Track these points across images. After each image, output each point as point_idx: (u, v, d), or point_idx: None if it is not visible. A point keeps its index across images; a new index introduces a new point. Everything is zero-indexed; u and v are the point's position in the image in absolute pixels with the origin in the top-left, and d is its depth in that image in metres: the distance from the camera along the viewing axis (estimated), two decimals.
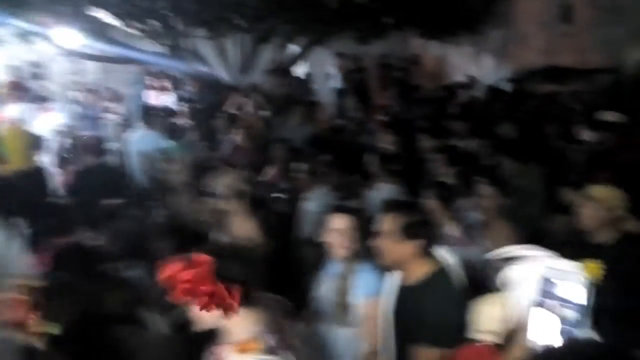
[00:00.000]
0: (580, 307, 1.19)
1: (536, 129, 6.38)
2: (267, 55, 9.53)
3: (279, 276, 3.01)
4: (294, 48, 9.74)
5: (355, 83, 10.69)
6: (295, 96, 8.89)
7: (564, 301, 1.23)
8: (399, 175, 4.34)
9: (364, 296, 2.38)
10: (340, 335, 2.47)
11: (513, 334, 1.62)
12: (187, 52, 8.77)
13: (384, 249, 2.08)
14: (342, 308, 2.42)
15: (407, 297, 2.07)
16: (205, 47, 8.83)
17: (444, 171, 4.39)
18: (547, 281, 1.25)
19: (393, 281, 2.18)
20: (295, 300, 2.66)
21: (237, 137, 6.64)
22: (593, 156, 4.92)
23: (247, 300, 1.58)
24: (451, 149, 4.79)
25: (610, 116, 5.70)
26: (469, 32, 10.34)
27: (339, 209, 2.59)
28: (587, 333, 1.18)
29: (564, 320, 1.22)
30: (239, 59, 9.08)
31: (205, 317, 1.56)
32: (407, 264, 2.05)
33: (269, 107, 8.19)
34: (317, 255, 2.67)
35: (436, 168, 4.62)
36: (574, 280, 1.24)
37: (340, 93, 10.72)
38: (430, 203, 3.15)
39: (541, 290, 1.26)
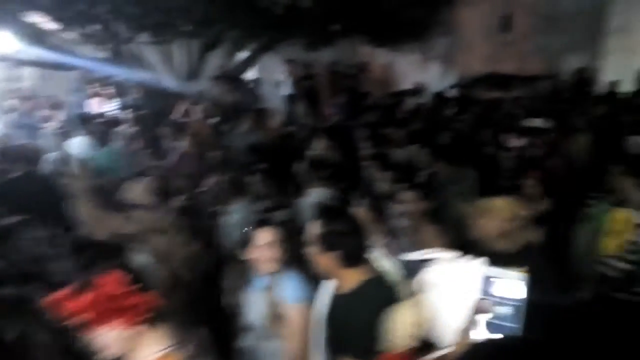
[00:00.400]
0: (515, 303, 1.19)
1: (471, 134, 6.59)
2: (215, 62, 9.40)
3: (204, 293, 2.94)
4: (242, 54, 9.64)
5: (305, 90, 10.72)
6: (245, 103, 8.80)
7: (500, 299, 1.26)
8: (332, 182, 4.21)
9: (291, 302, 2.36)
10: (272, 349, 2.42)
11: (435, 335, 1.68)
12: (131, 58, 8.51)
13: (312, 258, 2.04)
14: (274, 321, 2.37)
15: (338, 306, 2.03)
16: (151, 53, 8.60)
17: (379, 177, 4.41)
18: (486, 279, 1.26)
19: (327, 289, 2.14)
20: (219, 319, 2.59)
21: (184, 144, 6.49)
22: (520, 162, 5.08)
23: (159, 314, 1.48)
24: (383, 156, 4.83)
25: (537, 122, 5.80)
26: (415, 40, 10.55)
27: (263, 223, 2.51)
28: (518, 329, 1.20)
29: (498, 316, 1.25)
30: (186, 66, 8.89)
31: (115, 339, 1.41)
32: (335, 273, 2.00)
33: (218, 114, 8.06)
34: (241, 270, 2.56)
35: (370, 174, 4.62)
36: (511, 277, 1.26)
37: (291, 100, 10.73)
38: (360, 210, 3.11)
39: (481, 288, 1.27)
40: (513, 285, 1.26)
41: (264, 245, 2.40)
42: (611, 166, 3.90)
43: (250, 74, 10.68)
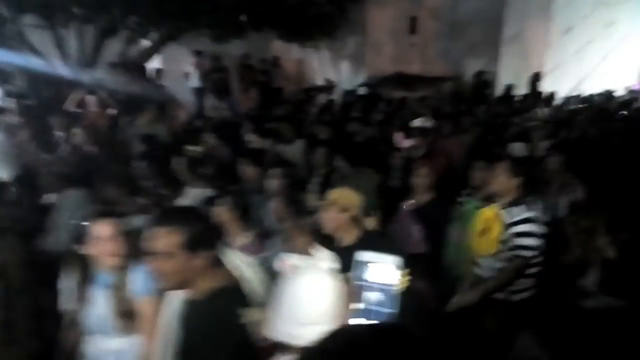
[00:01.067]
0: (389, 288, 1.17)
1: (372, 134, 6.64)
2: (113, 49, 8.84)
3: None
4: (144, 43, 9.14)
5: (214, 83, 10.40)
6: (147, 94, 8.36)
7: (375, 284, 1.29)
8: (211, 180, 4.02)
9: (142, 295, 2.28)
10: (122, 347, 2.31)
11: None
12: (16, 42, 7.75)
13: (162, 270, 1.74)
14: (123, 318, 2.27)
15: (191, 312, 1.87)
16: (39, 37, 7.89)
17: (249, 173, 4.15)
18: (360, 265, 1.23)
19: (176, 294, 1.92)
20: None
21: (77, 136, 6.00)
22: (407, 161, 5.09)
23: None
24: (257, 153, 4.58)
25: (423, 122, 5.86)
26: (325, 37, 10.61)
27: (103, 215, 2.35)
28: (395, 313, 1.16)
29: (374, 302, 1.22)
30: (79, 52, 8.27)
31: None
32: (192, 280, 1.82)
33: (117, 105, 7.58)
34: (80, 267, 2.34)
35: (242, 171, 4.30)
36: (385, 262, 1.23)
37: (198, 93, 10.36)
38: (221, 209, 2.99)
39: (355, 274, 1.24)
40: (387, 270, 1.23)
41: (104, 239, 2.26)
42: (476, 162, 4.02)
43: (154, 65, 10.18)
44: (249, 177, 4.11)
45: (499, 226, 3.13)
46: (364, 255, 1.27)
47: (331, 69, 12.84)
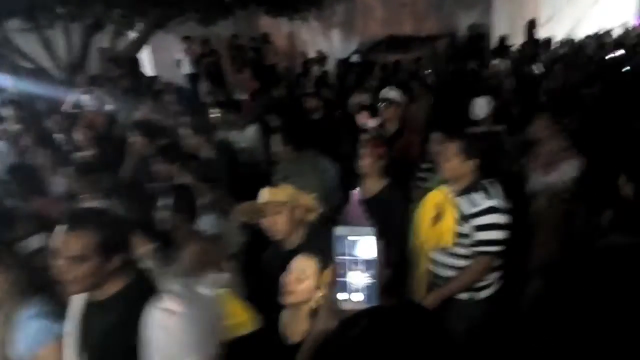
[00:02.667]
0: (370, 259, 1.24)
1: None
2: (104, 45, 8.76)
3: None
4: (132, 35, 9.04)
5: (207, 67, 10.31)
6: (142, 86, 8.31)
7: (355, 257, 1.26)
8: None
9: (34, 349, 1.87)
10: None
11: None
12: (3, 48, 7.69)
13: (74, 274, 1.63)
14: None
15: (93, 314, 1.73)
16: (26, 41, 7.82)
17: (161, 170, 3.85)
18: (339, 239, 1.25)
19: (77, 300, 1.79)
20: None
21: (79, 137, 6.00)
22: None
23: None
24: (170, 147, 4.19)
25: (390, 94, 4.85)
26: (313, 7, 10.42)
27: None
28: (377, 284, 1.22)
29: (355, 275, 1.25)
30: (68, 52, 8.19)
31: None
32: (103, 282, 1.67)
33: (113, 101, 7.54)
34: None
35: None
36: (362, 234, 1.25)
37: (192, 79, 10.28)
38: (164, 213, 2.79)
39: (335, 250, 1.25)
40: (365, 242, 1.25)
41: None
42: (432, 133, 3.58)
43: (145, 55, 10.08)
44: (161, 175, 3.78)
45: (452, 213, 2.70)
46: (341, 230, 1.28)
47: (322, 40, 12.66)
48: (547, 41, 11.44)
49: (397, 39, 11.87)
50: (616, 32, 12.26)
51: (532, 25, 12.22)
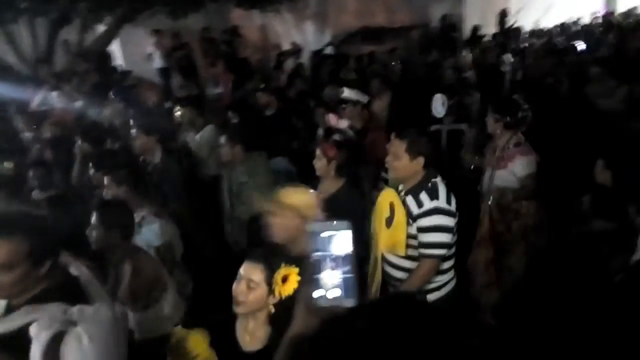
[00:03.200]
0: (345, 253, 1.22)
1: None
2: (71, 39, 8.53)
3: None
4: (100, 28, 8.83)
5: (179, 61, 10.12)
6: (111, 81, 8.11)
7: (331, 252, 1.24)
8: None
9: None
10: None
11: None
12: None
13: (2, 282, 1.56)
14: None
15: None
16: None
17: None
18: (313, 235, 1.22)
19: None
20: None
21: (47, 134, 5.82)
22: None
23: None
24: (105, 155, 4.05)
25: (351, 94, 4.70)
26: (286, 0, 10.32)
27: None
28: (353, 278, 1.19)
29: (333, 270, 1.22)
30: (34, 46, 7.95)
31: None
32: (29, 288, 1.58)
33: (81, 97, 7.34)
34: None
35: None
36: (336, 229, 1.23)
37: (164, 73, 10.09)
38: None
39: (312, 246, 1.22)
40: (340, 236, 1.23)
41: None
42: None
43: (114, 49, 9.83)
44: (98, 183, 3.60)
45: (402, 214, 2.65)
46: (315, 226, 1.27)
47: (296, 32, 12.56)
48: (517, 30, 11.59)
49: (370, 30, 11.85)
50: (583, 22, 12.48)
51: (503, 15, 12.35)
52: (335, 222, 1.26)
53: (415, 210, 2.62)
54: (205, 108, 5.62)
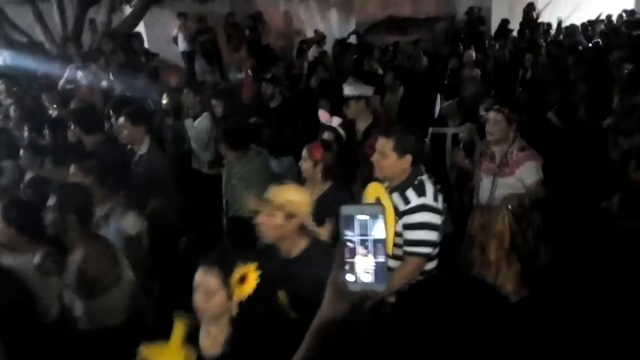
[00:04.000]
0: (378, 237, 1.19)
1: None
2: (99, 19, 8.60)
3: None
4: (127, 10, 8.89)
5: (203, 45, 10.16)
6: (137, 62, 8.18)
7: (362, 237, 1.21)
8: None
9: None
10: None
11: None
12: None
13: None
14: None
15: None
16: (19, 13, 7.66)
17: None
18: (346, 219, 1.20)
19: None
20: None
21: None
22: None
23: None
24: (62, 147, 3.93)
25: (353, 89, 4.24)
26: None
27: None
28: (384, 263, 1.17)
29: (365, 254, 1.20)
30: (63, 26, 8.04)
31: None
32: None
33: (108, 77, 7.43)
34: None
35: None
36: (370, 212, 1.20)
37: (188, 56, 10.14)
38: None
39: (342, 230, 1.19)
40: (373, 221, 1.21)
41: None
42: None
43: (141, 31, 9.90)
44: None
45: (390, 209, 2.55)
46: (348, 209, 1.26)
47: (320, 20, 12.50)
48: (543, 26, 11.38)
49: (395, 20, 11.74)
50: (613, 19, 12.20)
51: (530, 8, 12.13)
52: (369, 206, 1.27)
53: (401, 206, 2.54)
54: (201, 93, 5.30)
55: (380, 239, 1.22)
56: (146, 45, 9.86)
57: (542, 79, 6.37)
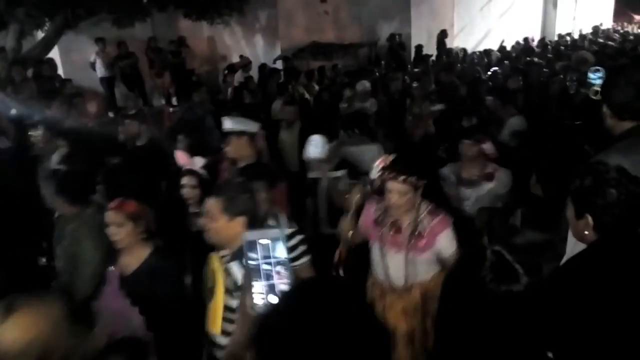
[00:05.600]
0: (281, 261, 1.26)
1: None
2: (8, 45, 8.11)
3: None
4: (40, 35, 8.46)
5: (123, 70, 9.84)
6: (51, 88, 7.76)
7: (266, 259, 1.28)
8: None
9: None
10: None
11: None
12: None
13: None
14: None
15: None
16: None
17: None
18: (249, 244, 1.26)
19: None
20: None
21: None
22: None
23: None
24: None
25: (234, 125, 3.67)
26: (234, 12, 10.27)
27: None
28: (290, 283, 1.24)
29: (270, 276, 1.26)
30: None
31: None
32: None
33: (17, 106, 6.98)
34: None
35: None
36: (271, 237, 1.28)
37: (107, 82, 9.77)
38: None
39: (246, 254, 1.26)
40: (275, 244, 1.28)
41: None
42: None
43: (53, 57, 9.44)
44: None
45: (221, 286, 2.30)
46: (251, 235, 1.26)
47: (245, 45, 12.53)
48: (456, 52, 12.03)
49: (320, 46, 12.00)
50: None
51: (443, 35, 12.82)
52: (270, 230, 1.31)
53: (240, 279, 2.09)
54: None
55: (283, 260, 1.27)
56: (62, 70, 9.41)
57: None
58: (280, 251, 1.26)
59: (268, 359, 0.92)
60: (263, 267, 1.25)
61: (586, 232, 1.69)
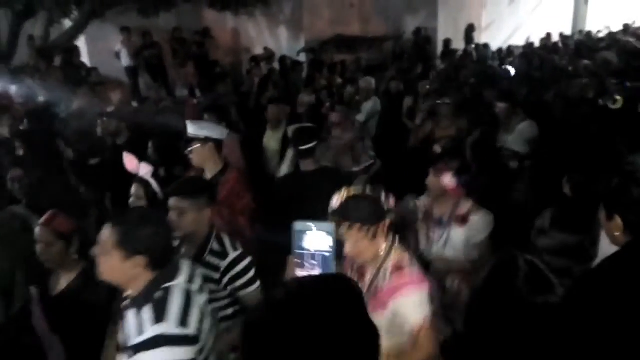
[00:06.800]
0: (326, 254, 1.35)
1: None
2: (36, 33, 8.20)
3: None
4: (67, 24, 8.53)
5: (147, 60, 9.88)
6: (78, 77, 7.83)
7: (312, 251, 1.37)
8: None
9: None
10: None
11: None
12: None
13: None
14: None
15: None
16: None
17: None
18: (298, 234, 1.35)
19: None
20: None
21: (3, 132, 5.56)
22: None
23: None
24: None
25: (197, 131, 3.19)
26: (259, 3, 10.23)
27: None
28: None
29: (312, 268, 1.36)
30: None
31: None
32: None
33: (45, 93, 7.06)
34: None
35: None
36: (320, 229, 1.35)
37: (131, 72, 9.83)
38: None
39: (294, 244, 1.35)
40: (322, 236, 1.35)
41: None
42: None
43: (80, 45, 9.52)
44: None
45: (113, 345, 2.04)
46: (300, 225, 1.34)
47: (269, 37, 12.48)
48: (485, 47, 11.77)
49: (344, 39, 11.86)
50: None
51: (470, 29, 12.56)
52: (320, 223, 1.37)
53: (133, 336, 1.67)
54: None
55: (327, 253, 1.34)
56: (87, 59, 9.50)
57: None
58: (326, 243, 1.34)
59: (255, 358, 0.93)
60: (307, 257, 1.35)
61: (617, 234, 1.68)
